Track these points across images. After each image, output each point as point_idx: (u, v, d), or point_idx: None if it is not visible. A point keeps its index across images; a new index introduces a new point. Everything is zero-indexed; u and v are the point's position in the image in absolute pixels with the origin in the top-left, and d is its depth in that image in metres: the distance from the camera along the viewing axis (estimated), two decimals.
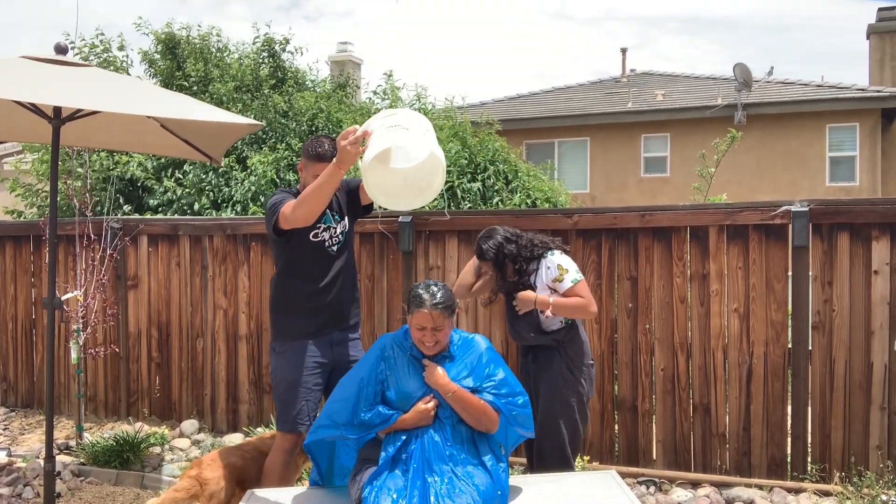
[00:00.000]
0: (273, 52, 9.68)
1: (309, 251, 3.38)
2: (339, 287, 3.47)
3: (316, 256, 3.39)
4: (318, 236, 3.39)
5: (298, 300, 3.41)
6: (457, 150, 7.38)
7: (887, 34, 17.36)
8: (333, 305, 3.44)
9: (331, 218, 3.44)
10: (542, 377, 3.57)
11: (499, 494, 2.80)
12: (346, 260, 3.51)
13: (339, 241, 3.47)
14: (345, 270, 3.50)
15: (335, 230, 3.45)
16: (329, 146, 3.29)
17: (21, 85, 3.27)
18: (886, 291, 4.21)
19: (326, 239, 3.42)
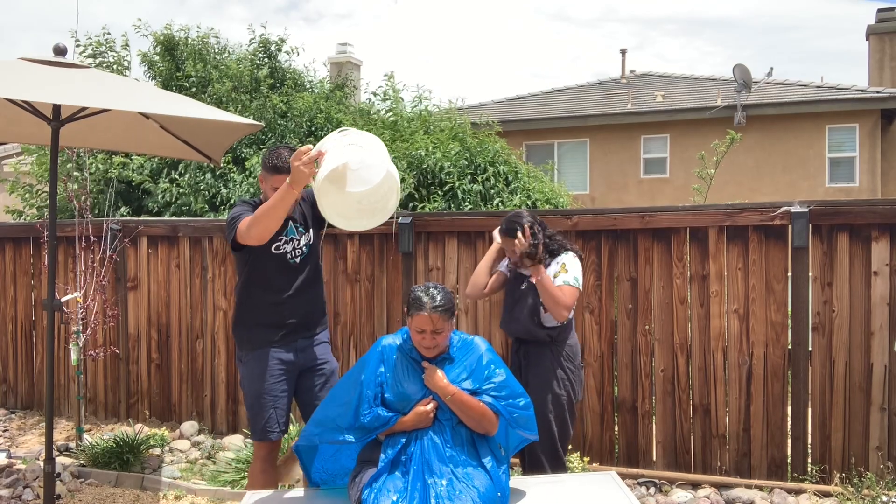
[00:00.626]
0: (270, 52, 9.69)
1: (271, 263, 3.35)
2: (304, 299, 3.44)
3: (278, 268, 3.37)
4: (279, 248, 3.36)
5: (261, 311, 3.39)
6: (457, 151, 7.38)
7: (887, 35, 17.38)
8: (298, 316, 3.41)
9: (294, 230, 3.41)
10: (533, 372, 3.54)
11: (499, 496, 2.80)
12: (310, 272, 3.47)
13: (303, 253, 3.43)
14: (309, 282, 3.46)
15: (298, 242, 3.42)
16: (288, 156, 3.21)
17: (20, 85, 3.27)
18: (886, 292, 4.21)
19: (289, 251, 3.39)
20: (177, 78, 9.08)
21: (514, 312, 3.65)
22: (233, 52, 9.77)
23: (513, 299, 3.69)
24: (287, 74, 9.70)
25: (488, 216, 5.09)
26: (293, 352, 3.41)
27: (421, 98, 9.24)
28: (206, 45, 9.55)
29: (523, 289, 3.62)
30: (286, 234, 3.36)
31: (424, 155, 7.21)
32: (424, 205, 6.84)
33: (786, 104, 14.66)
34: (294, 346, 3.41)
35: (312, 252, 3.48)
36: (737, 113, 14.33)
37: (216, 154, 4.53)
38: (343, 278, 5.29)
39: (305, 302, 3.44)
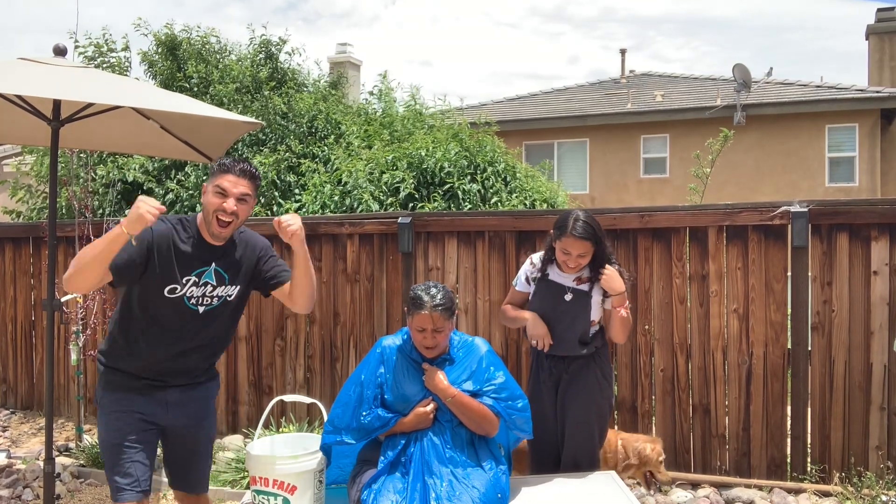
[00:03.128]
0: (270, 53, 9.70)
1: (162, 304, 2.69)
2: (196, 356, 2.82)
3: (172, 312, 2.70)
4: (175, 292, 2.68)
5: (133, 355, 2.75)
6: (456, 151, 7.38)
7: (886, 35, 17.39)
8: (179, 371, 2.80)
9: (212, 274, 2.74)
10: (577, 386, 3.30)
11: (499, 497, 2.80)
12: (217, 328, 2.81)
13: (211, 305, 2.75)
14: (211, 340, 2.82)
15: (211, 290, 2.74)
16: (236, 161, 2.73)
17: (20, 82, 3.27)
18: (886, 292, 4.22)
19: (193, 296, 2.71)
20: (178, 78, 9.08)
21: (558, 331, 3.29)
22: (232, 52, 9.78)
23: (553, 313, 3.29)
24: (288, 75, 9.71)
25: (488, 216, 5.09)
26: (161, 404, 2.78)
27: (414, 97, 9.25)
28: (206, 45, 9.55)
29: (569, 301, 3.28)
30: (194, 275, 2.70)
31: (424, 155, 7.21)
32: (424, 205, 6.84)
33: (785, 104, 14.66)
34: (164, 397, 2.78)
35: (229, 309, 2.82)
36: (736, 113, 14.33)
37: (216, 154, 4.53)
38: (343, 278, 5.29)
39: (198, 359, 2.83)
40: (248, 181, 2.70)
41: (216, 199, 2.65)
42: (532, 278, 3.39)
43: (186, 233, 2.72)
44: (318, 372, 5.35)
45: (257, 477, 2.90)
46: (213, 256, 2.75)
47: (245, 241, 2.87)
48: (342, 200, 7.12)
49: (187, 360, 2.77)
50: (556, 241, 3.22)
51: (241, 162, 2.72)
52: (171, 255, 2.66)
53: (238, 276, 2.81)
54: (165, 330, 2.71)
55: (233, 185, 2.66)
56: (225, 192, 2.65)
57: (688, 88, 16.81)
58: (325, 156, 8.29)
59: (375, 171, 7.23)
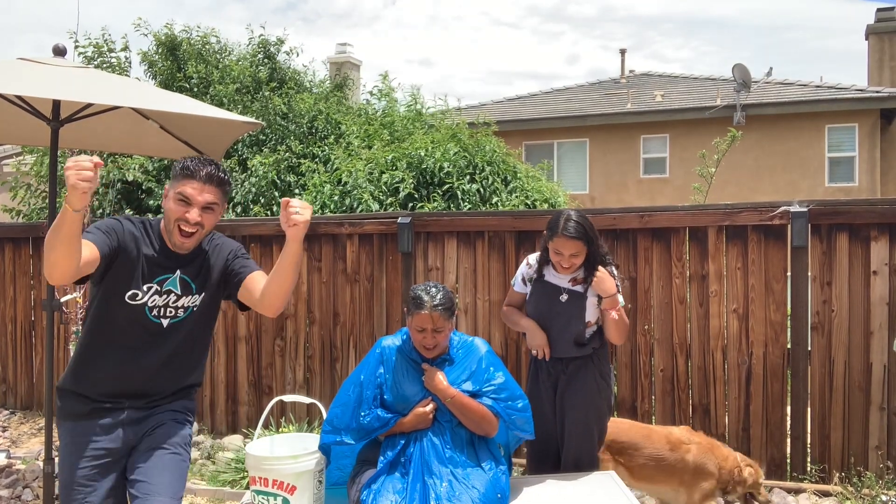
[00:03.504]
0: (269, 53, 9.70)
1: (121, 313, 2.39)
2: (163, 376, 2.48)
3: (130, 323, 2.41)
4: (136, 298, 2.38)
5: (85, 374, 2.44)
6: (456, 151, 7.39)
7: (886, 35, 17.39)
8: (133, 391, 2.45)
9: (176, 281, 2.44)
10: (575, 387, 3.29)
11: (498, 497, 2.80)
12: (182, 344, 2.49)
13: (176, 318, 2.46)
14: (176, 357, 2.49)
15: (175, 300, 2.45)
16: (202, 164, 2.40)
17: (20, 82, 3.27)
18: (885, 292, 4.22)
19: (156, 305, 2.41)
20: (178, 78, 9.09)
21: (554, 333, 3.28)
22: (231, 52, 9.78)
23: (549, 314, 3.29)
24: (287, 75, 9.72)
25: (488, 216, 5.09)
26: (118, 427, 2.42)
27: (415, 97, 9.26)
28: (206, 45, 9.56)
29: (564, 302, 3.26)
30: (156, 282, 2.40)
31: (424, 155, 7.22)
32: (423, 205, 6.84)
33: (785, 104, 14.66)
34: (119, 420, 2.42)
35: (195, 321, 2.50)
36: (736, 113, 14.33)
37: (216, 154, 4.53)
38: (342, 278, 5.29)
39: (164, 379, 2.50)
40: (216, 187, 2.37)
41: (178, 207, 2.34)
42: (528, 279, 3.38)
43: (147, 236, 2.43)
44: (317, 372, 5.35)
45: (257, 477, 2.90)
46: (178, 263, 2.45)
47: (216, 247, 2.56)
48: (342, 200, 7.13)
49: (149, 380, 2.43)
50: (549, 242, 3.20)
51: (206, 164, 2.37)
52: (136, 257, 2.38)
53: (206, 284, 2.50)
54: (125, 343, 2.39)
55: (197, 193, 2.34)
56: (188, 201, 2.34)
57: (687, 88, 16.82)
58: (325, 156, 8.30)
59: (375, 171, 7.23)
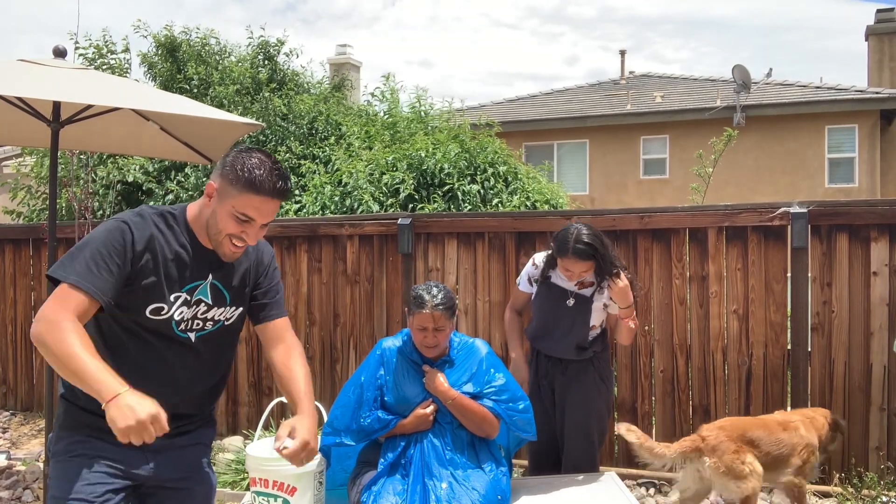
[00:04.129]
0: (269, 54, 9.71)
1: (142, 327, 1.99)
2: (187, 397, 2.08)
3: (155, 338, 2.00)
4: (163, 312, 1.98)
5: None
6: (456, 152, 7.39)
7: (886, 35, 17.40)
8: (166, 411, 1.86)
9: (207, 289, 2.04)
10: (575, 389, 3.32)
11: (499, 499, 2.80)
12: (210, 359, 2.10)
13: (204, 330, 2.06)
14: (203, 375, 2.11)
15: (205, 310, 2.05)
16: (272, 176, 1.94)
17: (20, 83, 3.27)
18: (885, 292, 4.22)
19: (183, 319, 2.01)
20: (178, 80, 9.09)
21: (556, 335, 3.31)
22: (231, 54, 9.79)
23: (553, 317, 3.29)
24: (287, 76, 9.72)
25: (488, 217, 5.09)
26: (138, 454, 1.97)
27: (419, 99, 9.26)
28: (205, 46, 9.56)
29: (571, 306, 3.29)
30: (186, 291, 2.00)
31: (424, 156, 7.22)
32: (424, 206, 6.84)
33: (785, 105, 14.67)
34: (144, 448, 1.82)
35: (223, 334, 2.12)
36: (736, 113, 14.34)
37: (216, 155, 4.53)
38: (343, 279, 5.29)
39: (191, 402, 2.11)
40: (279, 200, 1.99)
41: (235, 224, 1.95)
42: (535, 279, 3.37)
43: (172, 232, 1.99)
44: (317, 373, 5.34)
45: (257, 478, 2.90)
46: (211, 266, 2.04)
47: (255, 251, 2.18)
48: (342, 201, 7.13)
49: (176, 402, 1.99)
50: (558, 258, 3.19)
51: (276, 176, 1.93)
52: (156, 264, 1.94)
53: (241, 294, 2.13)
54: (148, 363, 1.99)
55: (261, 214, 1.94)
56: (249, 219, 1.95)
57: (687, 89, 16.82)
58: (325, 157, 8.30)
59: (375, 172, 7.23)
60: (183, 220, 2.03)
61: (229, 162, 1.95)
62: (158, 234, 1.97)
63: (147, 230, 1.95)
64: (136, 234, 1.92)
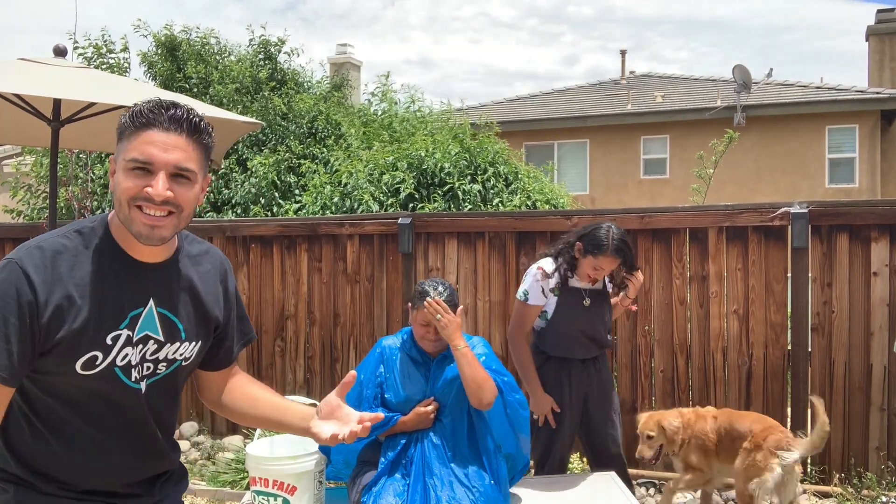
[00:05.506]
0: (269, 54, 9.71)
1: (70, 391, 1.47)
2: (143, 461, 1.61)
3: (84, 402, 1.49)
4: (96, 363, 1.45)
5: (38, 461, 1.50)
6: (457, 151, 7.39)
7: (886, 36, 17.40)
8: (118, 481, 1.57)
9: (154, 320, 1.52)
10: (601, 385, 3.44)
11: (499, 499, 2.80)
12: (169, 412, 1.64)
13: (156, 375, 1.56)
14: (162, 432, 1.62)
15: (158, 350, 1.55)
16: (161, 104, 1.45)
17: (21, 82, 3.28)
18: (886, 293, 4.21)
19: (133, 363, 1.51)
20: (178, 79, 9.09)
21: (584, 338, 3.33)
22: (231, 53, 9.80)
23: (579, 321, 3.30)
24: (287, 76, 9.73)
25: (488, 216, 5.09)
26: None
27: (413, 99, 9.27)
28: (205, 46, 9.57)
29: (588, 306, 3.33)
30: (126, 326, 1.48)
31: (424, 156, 7.22)
32: (424, 205, 6.84)
33: (785, 105, 14.67)
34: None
35: (178, 376, 1.62)
36: (736, 114, 14.33)
37: (216, 155, 4.53)
38: (343, 279, 5.29)
39: (153, 462, 1.63)
40: (188, 139, 1.44)
41: (132, 179, 1.41)
42: (549, 290, 3.28)
43: (91, 253, 1.46)
44: (317, 373, 5.35)
45: (257, 477, 2.90)
46: (153, 288, 1.52)
47: (209, 261, 1.66)
48: (342, 201, 7.13)
49: (140, 468, 1.60)
50: (590, 257, 3.20)
51: (170, 105, 1.45)
52: (75, 305, 1.42)
53: (201, 324, 1.62)
54: (86, 429, 1.50)
55: (160, 150, 1.41)
56: (147, 165, 1.41)
57: (688, 89, 16.82)
58: (325, 157, 8.30)
59: (375, 171, 7.23)
60: (103, 231, 1.50)
61: (120, 121, 1.47)
62: (70, 263, 1.43)
63: (50, 265, 1.42)
64: (36, 278, 1.39)
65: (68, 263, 1.44)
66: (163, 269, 1.54)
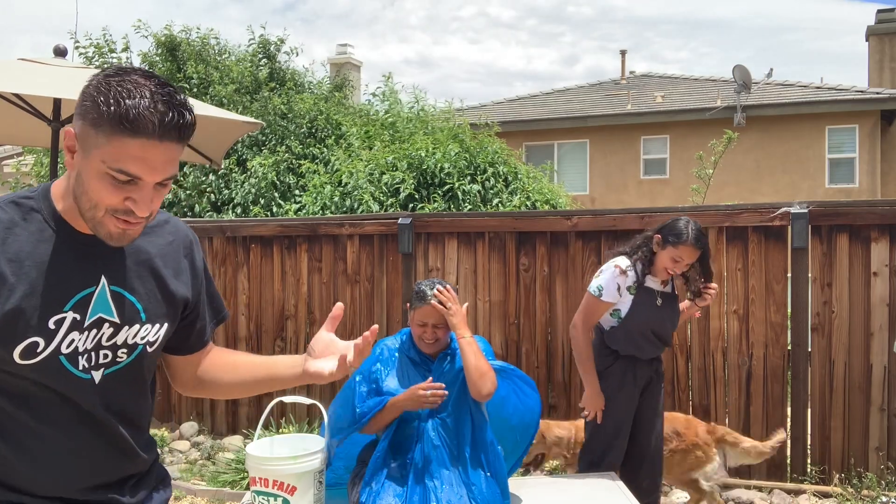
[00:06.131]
0: (269, 53, 9.72)
1: (15, 379, 1.30)
2: (104, 463, 1.40)
3: (40, 388, 1.31)
4: (37, 350, 1.28)
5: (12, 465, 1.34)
6: (457, 151, 7.39)
7: (886, 36, 17.39)
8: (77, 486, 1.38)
9: (106, 300, 1.34)
10: (655, 380, 3.42)
11: (500, 499, 2.80)
12: (132, 405, 1.47)
13: (118, 363, 1.38)
14: (123, 422, 1.43)
15: (115, 335, 1.37)
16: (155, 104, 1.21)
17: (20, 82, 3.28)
18: (886, 293, 4.21)
19: (83, 349, 1.33)
20: (178, 79, 9.09)
21: (654, 338, 3.33)
22: (232, 54, 9.80)
23: (654, 321, 3.29)
24: (287, 75, 9.73)
25: (488, 217, 5.09)
26: None
27: (417, 99, 9.26)
28: (205, 46, 9.57)
29: (660, 306, 3.33)
30: (71, 307, 1.31)
31: (424, 156, 7.22)
32: (424, 205, 6.85)
33: (786, 105, 14.67)
34: None
35: (146, 363, 1.45)
36: (736, 114, 14.33)
37: (217, 155, 4.54)
38: (343, 279, 5.29)
39: (113, 466, 1.43)
40: (179, 142, 1.26)
41: (112, 189, 1.23)
42: (626, 287, 3.26)
43: (29, 226, 1.30)
44: None
45: (257, 478, 2.90)
46: (102, 260, 1.35)
47: (170, 231, 1.48)
48: (342, 201, 7.13)
49: (95, 469, 1.39)
50: (669, 248, 3.19)
51: (165, 106, 1.22)
52: (9, 283, 1.25)
53: (164, 303, 1.44)
54: (37, 426, 1.32)
55: (146, 166, 1.22)
56: (131, 178, 1.23)
57: (688, 89, 16.82)
58: (325, 157, 8.31)
59: (375, 171, 7.23)
60: (46, 202, 1.33)
61: (90, 92, 1.22)
62: (2, 236, 1.27)
63: None
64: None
65: (1, 236, 1.26)
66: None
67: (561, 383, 4.75)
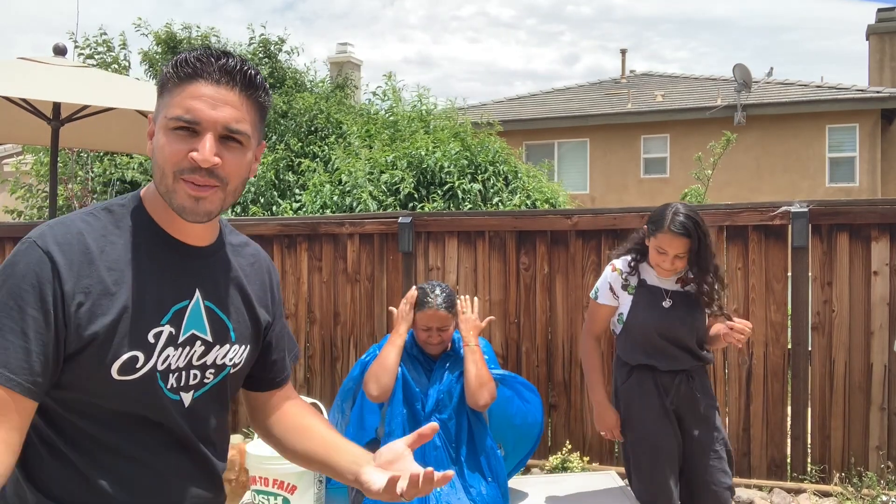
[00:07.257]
0: (269, 52, 9.72)
1: (102, 401, 1.18)
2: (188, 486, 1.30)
3: (121, 414, 1.20)
4: (137, 365, 1.18)
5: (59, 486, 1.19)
6: (457, 150, 7.39)
7: (887, 35, 17.40)
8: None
9: (200, 315, 1.27)
10: (689, 401, 2.88)
11: (500, 498, 2.81)
12: (217, 429, 1.36)
13: (204, 387, 1.30)
14: (209, 445, 1.34)
15: (206, 354, 1.28)
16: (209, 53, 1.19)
17: (21, 83, 3.28)
18: (886, 292, 4.21)
19: (173, 369, 1.23)
20: None
21: (661, 344, 2.84)
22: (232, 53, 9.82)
23: (660, 325, 2.82)
24: (287, 74, 9.74)
25: (488, 216, 5.09)
26: None
27: (420, 97, 9.26)
28: (207, 44, 9.57)
29: (668, 308, 2.85)
30: (168, 321, 1.22)
31: (424, 155, 7.22)
32: (424, 204, 6.85)
33: (786, 104, 14.67)
34: None
35: (230, 386, 1.39)
36: (737, 113, 14.34)
37: None
38: (343, 278, 5.29)
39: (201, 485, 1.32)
40: (242, 93, 1.19)
41: (175, 144, 1.17)
42: (624, 287, 2.91)
43: (123, 233, 1.22)
44: (318, 372, 5.35)
45: (257, 477, 2.91)
46: (196, 272, 1.28)
47: (252, 254, 1.44)
48: (342, 200, 7.13)
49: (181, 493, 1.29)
50: (651, 238, 2.79)
51: (221, 55, 1.19)
52: (107, 290, 1.16)
53: (248, 322, 1.36)
54: (125, 449, 1.21)
55: (209, 105, 1.16)
56: (193, 125, 1.16)
57: (688, 88, 16.82)
58: (325, 155, 8.31)
59: (375, 170, 7.23)
60: (137, 207, 1.25)
61: (161, 70, 1.24)
62: (100, 244, 1.18)
63: (77, 244, 1.16)
64: (61, 260, 1.13)
65: (98, 244, 1.17)
66: (208, 255, 1.29)
67: (561, 382, 4.75)
